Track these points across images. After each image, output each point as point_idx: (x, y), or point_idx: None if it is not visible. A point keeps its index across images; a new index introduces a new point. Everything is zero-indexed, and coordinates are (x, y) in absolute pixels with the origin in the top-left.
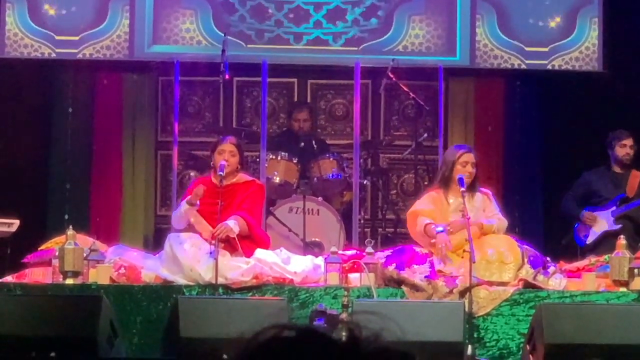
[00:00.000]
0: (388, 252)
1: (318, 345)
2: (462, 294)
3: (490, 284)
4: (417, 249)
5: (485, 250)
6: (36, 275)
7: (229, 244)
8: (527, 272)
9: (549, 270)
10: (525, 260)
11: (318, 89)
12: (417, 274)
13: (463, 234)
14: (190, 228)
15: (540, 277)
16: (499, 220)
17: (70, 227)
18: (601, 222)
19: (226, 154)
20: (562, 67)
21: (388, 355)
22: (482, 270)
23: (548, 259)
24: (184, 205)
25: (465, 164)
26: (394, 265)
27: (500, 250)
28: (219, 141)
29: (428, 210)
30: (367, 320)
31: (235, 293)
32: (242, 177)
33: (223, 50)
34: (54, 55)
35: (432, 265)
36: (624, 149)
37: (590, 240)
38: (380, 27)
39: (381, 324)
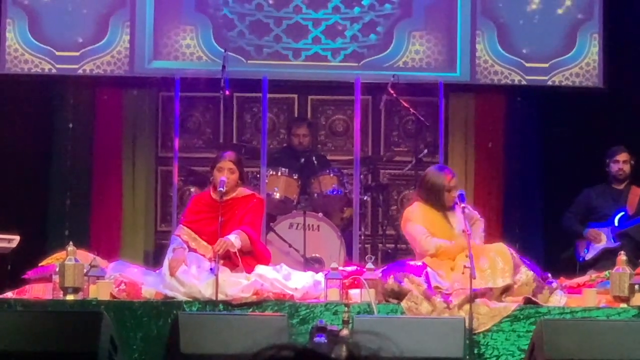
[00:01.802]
0: (384, 268)
1: None
2: (460, 306)
3: (489, 290)
4: (412, 263)
5: (478, 259)
6: (36, 291)
7: (230, 260)
8: (527, 275)
9: (552, 285)
10: (520, 263)
11: (318, 104)
12: (415, 285)
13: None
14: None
15: (545, 293)
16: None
17: (71, 243)
18: (603, 239)
19: (225, 171)
20: (563, 83)
21: None
22: (478, 281)
23: (549, 275)
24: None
25: (450, 190)
26: (392, 277)
27: (491, 256)
28: (218, 158)
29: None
30: (365, 339)
31: (235, 309)
32: (242, 191)
33: (223, 66)
34: (54, 70)
35: (427, 280)
36: (617, 164)
37: (589, 256)
38: (381, 42)
39: (379, 343)
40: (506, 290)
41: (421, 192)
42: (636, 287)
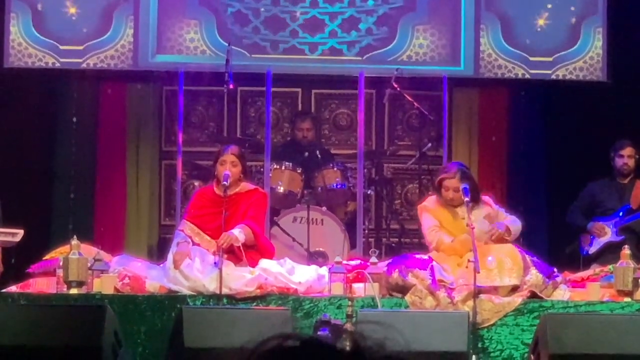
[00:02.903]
0: (389, 261)
1: (321, 355)
2: (464, 301)
3: (494, 289)
4: (418, 256)
5: (485, 258)
6: (40, 285)
7: (234, 254)
8: (536, 277)
9: (557, 279)
10: (531, 265)
11: (322, 98)
12: (419, 279)
13: (467, 245)
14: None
15: (550, 288)
16: (514, 219)
17: (75, 236)
18: (607, 233)
19: (228, 164)
20: (566, 77)
21: None
22: (484, 279)
23: (555, 269)
24: (173, 254)
25: (447, 189)
26: (397, 271)
27: (500, 257)
28: (220, 151)
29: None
30: (371, 329)
31: (239, 303)
32: (245, 186)
33: (227, 60)
34: (58, 65)
35: (432, 273)
36: (621, 159)
37: (593, 250)
38: (385, 36)
39: (385, 333)
40: (513, 290)
41: (434, 185)
42: None
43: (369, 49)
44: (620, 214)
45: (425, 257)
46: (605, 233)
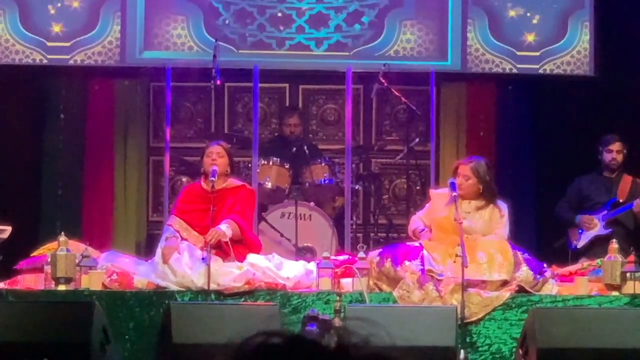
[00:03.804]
0: (380, 250)
1: (307, 352)
2: (452, 294)
3: (483, 283)
4: (410, 243)
5: (476, 253)
6: (28, 281)
7: (221, 250)
8: (526, 273)
9: (545, 274)
10: (522, 261)
11: (310, 94)
12: (409, 272)
13: (455, 239)
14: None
15: (539, 285)
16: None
17: (63, 233)
18: (596, 225)
19: (214, 155)
20: (554, 72)
21: None
22: (473, 273)
23: (545, 264)
24: (161, 247)
25: (458, 175)
26: (389, 260)
27: (491, 252)
28: (207, 146)
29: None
30: (356, 326)
31: (227, 299)
32: (232, 182)
33: (214, 56)
34: (45, 61)
35: (422, 262)
36: (610, 154)
37: (581, 244)
38: (372, 32)
39: (370, 329)
40: (502, 285)
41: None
42: (628, 275)
43: (349, 45)
44: (608, 207)
45: (417, 244)
46: (595, 225)
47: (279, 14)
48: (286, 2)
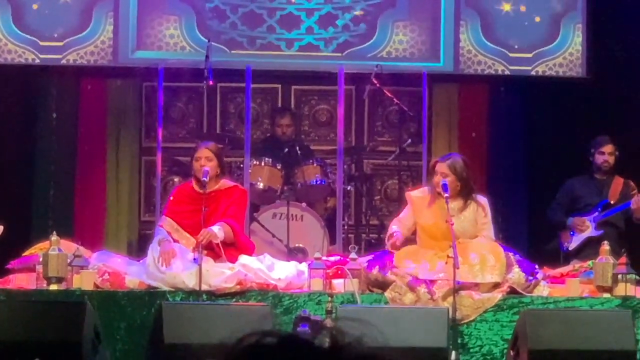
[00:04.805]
0: (370, 257)
1: (300, 352)
2: (444, 298)
3: (475, 286)
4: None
5: (468, 254)
6: (20, 281)
7: (213, 251)
8: (518, 275)
9: (537, 276)
10: (514, 263)
11: (302, 94)
12: (399, 276)
13: (447, 238)
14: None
15: (531, 287)
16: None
17: (54, 232)
18: (588, 227)
19: (202, 159)
20: (546, 73)
21: None
22: (465, 274)
23: (536, 266)
24: (157, 240)
25: (436, 173)
26: (377, 268)
27: (483, 254)
28: (196, 148)
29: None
30: (349, 326)
31: (219, 299)
32: (225, 183)
33: (207, 56)
34: (37, 61)
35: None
36: (602, 156)
37: (573, 246)
38: (365, 32)
39: (363, 330)
40: (494, 287)
41: (429, 171)
42: (619, 276)
43: (348, 45)
44: (599, 209)
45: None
46: (587, 227)
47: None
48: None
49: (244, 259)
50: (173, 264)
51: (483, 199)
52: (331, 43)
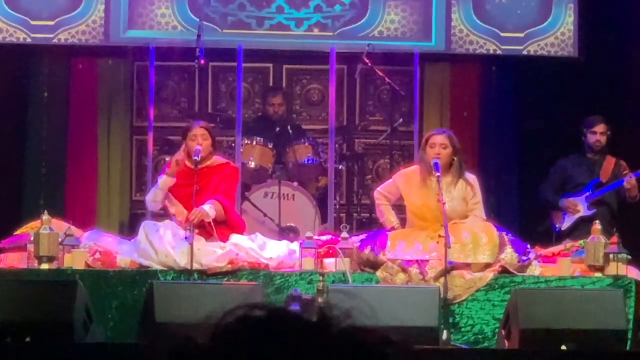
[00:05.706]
0: (362, 236)
1: (289, 325)
2: (436, 278)
3: (467, 266)
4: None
5: (460, 233)
6: (11, 260)
7: (204, 230)
8: (511, 255)
9: (530, 256)
10: (507, 242)
11: (293, 74)
12: (391, 257)
13: (438, 219)
14: (165, 212)
15: (524, 268)
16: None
17: (46, 212)
18: (580, 209)
19: (199, 138)
20: (538, 53)
21: (359, 333)
22: (457, 254)
23: (528, 245)
24: (162, 178)
25: (433, 146)
26: (369, 248)
27: (475, 232)
28: (189, 127)
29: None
30: (338, 300)
31: (210, 278)
32: (216, 159)
33: (198, 35)
34: (29, 40)
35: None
36: (594, 135)
37: (565, 226)
38: (356, 12)
39: (352, 303)
40: (486, 266)
41: (420, 146)
42: (611, 256)
43: (333, 25)
44: (591, 188)
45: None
46: (579, 210)
47: None
48: None
49: (235, 238)
50: (156, 240)
51: (472, 177)
52: (324, 23)
